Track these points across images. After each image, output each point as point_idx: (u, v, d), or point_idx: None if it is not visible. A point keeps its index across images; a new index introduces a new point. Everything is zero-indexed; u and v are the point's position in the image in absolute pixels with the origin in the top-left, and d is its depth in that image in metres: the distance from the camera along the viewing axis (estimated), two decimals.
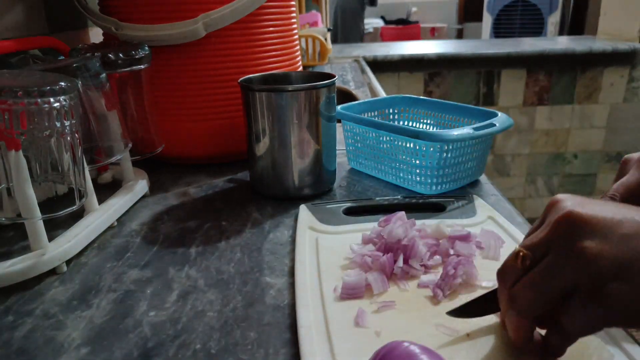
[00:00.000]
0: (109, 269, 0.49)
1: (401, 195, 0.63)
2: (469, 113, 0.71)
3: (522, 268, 0.31)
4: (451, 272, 0.42)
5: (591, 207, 0.30)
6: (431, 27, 4.82)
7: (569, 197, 0.31)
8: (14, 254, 0.50)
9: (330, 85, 0.61)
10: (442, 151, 0.60)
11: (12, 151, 0.44)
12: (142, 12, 0.69)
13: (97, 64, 0.57)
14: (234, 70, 0.71)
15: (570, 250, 0.29)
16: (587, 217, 0.29)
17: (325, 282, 0.43)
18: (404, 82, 2.19)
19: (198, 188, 0.69)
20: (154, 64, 0.66)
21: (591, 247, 0.28)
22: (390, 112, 0.80)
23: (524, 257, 0.31)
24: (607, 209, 0.30)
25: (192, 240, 0.54)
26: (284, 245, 0.53)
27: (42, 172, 0.51)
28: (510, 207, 0.60)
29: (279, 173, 0.62)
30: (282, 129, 0.60)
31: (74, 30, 0.92)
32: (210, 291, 0.45)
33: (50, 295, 0.45)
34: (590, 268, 0.28)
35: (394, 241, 0.46)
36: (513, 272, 0.32)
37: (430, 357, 0.29)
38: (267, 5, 0.71)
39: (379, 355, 0.30)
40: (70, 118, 0.47)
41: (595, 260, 0.28)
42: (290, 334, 0.39)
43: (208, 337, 0.39)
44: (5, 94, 0.41)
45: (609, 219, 0.29)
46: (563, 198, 0.31)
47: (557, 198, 0.32)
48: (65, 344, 0.39)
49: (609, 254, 0.28)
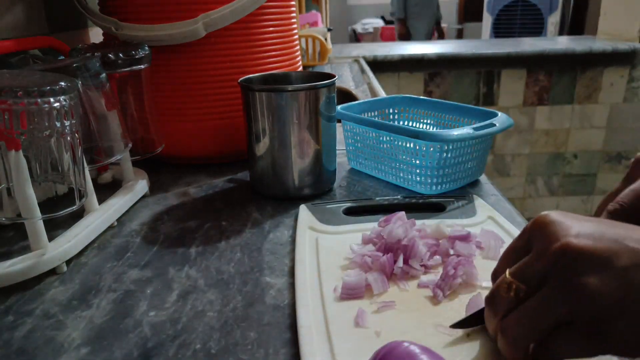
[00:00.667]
0: (109, 269, 0.49)
1: (401, 195, 0.63)
2: (469, 113, 0.71)
3: (515, 300, 0.30)
4: (451, 272, 0.41)
5: (587, 234, 0.28)
6: None
7: (557, 220, 0.30)
8: (14, 254, 0.50)
9: (330, 85, 0.61)
10: (442, 151, 0.60)
11: (12, 151, 0.44)
12: (142, 12, 0.69)
13: (97, 64, 0.57)
14: (234, 70, 0.71)
15: (568, 286, 0.28)
16: (587, 250, 0.28)
17: (325, 282, 0.43)
18: (404, 82, 2.20)
19: (198, 188, 0.69)
20: (154, 64, 0.66)
21: (592, 284, 0.27)
22: (390, 112, 0.80)
23: (517, 289, 0.30)
24: (603, 236, 0.28)
25: (192, 240, 0.54)
26: (284, 245, 0.53)
27: (42, 172, 0.51)
28: (510, 207, 0.60)
29: (279, 173, 0.62)
30: (282, 129, 0.60)
31: (74, 30, 0.92)
32: (210, 291, 0.45)
33: (50, 295, 0.45)
34: (592, 306, 0.27)
35: (394, 241, 0.46)
36: (504, 302, 0.31)
37: (430, 357, 0.29)
38: (267, 5, 0.71)
39: (379, 355, 0.30)
40: (70, 118, 0.47)
41: (597, 297, 0.27)
42: (290, 334, 0.39)
43: (208, 337, 0.39)
44: (5, 94, 0.41)
45: (607, 250, 0.28)
46: (552, 220, 0.30)
47: (545, 220, 0.30)
48: (65, 344, 0.39)
49: (610, 290, 0.27)
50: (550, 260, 0.29)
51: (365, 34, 4.51)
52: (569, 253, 0.28)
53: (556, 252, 0.28)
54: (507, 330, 0.31)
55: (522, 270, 0.30)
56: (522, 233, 0.32)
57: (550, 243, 0.29)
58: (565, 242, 0.28)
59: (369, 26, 4.56)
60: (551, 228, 0.29)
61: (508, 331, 0.30)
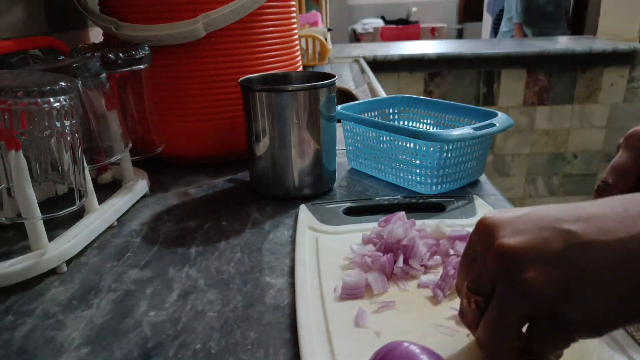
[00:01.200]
0: (109, 269, 0.49)
1: (401, 195, 0.63)
2: (469, 113, 0.71)
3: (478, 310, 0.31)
4: (451, 272, 0.41)
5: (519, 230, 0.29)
6: (431, 27, 4.82)
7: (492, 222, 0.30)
8: (14, 254, 0.50)
9: (330, 85, 0.61)
10: (442, 151, 0.60)
11: (12, 151, 0.44)
12: (142, 12, 0.69)
13: (97, 64, 0.57)
14: (234, 70, 0.71)
15: (513, 285, 0.28)
16: (520, 247, 0.28)
17: (325, 282, 0.43)
18: (404, 82, 2.20)
19: (198, 188, 0.69)
20: (154, 64, 0.66)
21: (533, 278, 0.27)
22: (390, 112, 0.80)
23: (476, 301, 0.31)
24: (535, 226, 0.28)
25: (192, 240, 0.54)
26: (284, 245, 0.53)
27: (42, 172, 0.51)
28: (510, 207, 0.60)
29: (279, 173, 0.62)
30: (282, 129, 0.60)
31: (74, 30, 0.92)
32: (210, 291, 0.45)
33: (50, 295, 0.45)
34: (539, 297, 0.28)
35: (394, 241, 0.46)
36: (472, 314, 0.32)
37: (430, 357, 0.29)
38: (267, 5, 0.71)
39: (379, 355, 0.30)
40: (70, 118, 0.47)
41: (542, 288, 0.27)
42: (290, 334, 0.39)
43: (208, 337, 0.39)
44: (5, 94, 0.41)
45: (539, 240, 0.28)
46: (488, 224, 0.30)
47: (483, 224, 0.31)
48: (65, 344, 0.39)
49: (551, 277, 0.27)
50: (492, 266, 0.29)
51: (365, 34, 4.51)
52: (505, 254, 0.28)
53: (494, 256, 0.29)
54: (481, 342, 0.31)
55: (474, 282, 0.31)
56: (468, 241, 0.33)
57: (489, 248, 0.29)
58: (499, 243, 0.29)
59: (369, 26, 4.56)
60: (487, 232, 0.30)
61: (481, 342, 0.31)
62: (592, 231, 0.27)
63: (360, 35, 4.53)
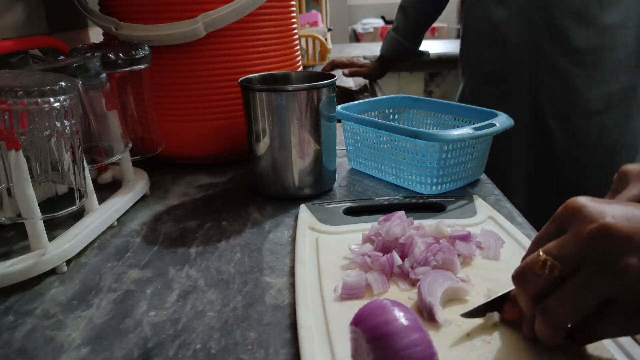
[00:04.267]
0: (109, 269, 0.49)
1: (401, 195, 0.63)
2: (469, 113, 0.71)
3: (549, 278, 0.30)
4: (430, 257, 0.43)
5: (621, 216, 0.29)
6: (431, 27, 4.82)
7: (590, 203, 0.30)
8: (14, 254, 0.50)
9: (330, 85, 0.61)
10: (442, 151, 0.60)
11: (12, 151, 0.44)
12: (142, 12, 0.69)
13: (97, 64, 0.57)
14: (234, 70, 0.71)
15: (611, 268, 0.28)
16: (626, 232, 0.28)
17: (325, 282, 0.43)
18: (404, 82, 2.20)
19: (198, 188, 0.69)
20: (154, 64, 0.66)
21: (633, 264, 0.27)
22: (390, 112, 0.80)
23: (552, 266, 0.30)
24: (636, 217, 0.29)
25: (192, 240, 0.54)
26: (284, 245, 0.53)
27: (42, 172, 0.51)
28: (510, 207, 0.60)
29: (279, 173, 0.62)
30: (282, 129, 0.60)
31: (74, 30, 0.92)
32: (210, 291, 0.45)
33: (50, 295, 0.45)
34: (634, 284, 0.28)
35: (392, 239, 0.46)
36: (537, 279, 0.31)
37: (400, 309, 0.31)
38: (267, 5, 0.71)
39: (359, 311, 0.32)
40: (70, 118, 0.47)
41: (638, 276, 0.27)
42: (290, 334, 0.39)
43: (208, 337, 0.39)
44: (5, 94, 0.41)
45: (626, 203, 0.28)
46: (585, 204, 0.30)
47: (578, 204, 0.31)
48: (65, 344, 0.39)
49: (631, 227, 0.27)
50: (588, 242, 0.29)
51: (365, 34, 4.51)
52: (607, 234, 0.28)
53: (594, 233, 0.29)
54: (548, 313, 0.31)
55: (557, 249, 0.30)
56: (553, 219, 0.32)
57: (586, 225, 0.29)
58: (603, 223, 0.28)
59: (369, 26, 4.56)
60: (585, 211, 0.30)
61: (549, 313, 0.31)
62: None
63: (360, 35, 4.53)
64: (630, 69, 0.98)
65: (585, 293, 0.29)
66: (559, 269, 0.30)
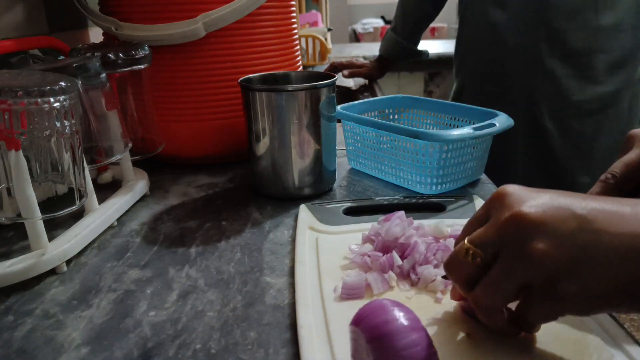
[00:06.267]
0: (109, 268, 0.49)
1: (401, 195, 0.63)
2: (469, 113, 0.71)
3: (473, 265, 0.32)
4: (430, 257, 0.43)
5: (538, 204, 0.30)
6: (431, 27, 4.82)
7: (514, 191, 0.32)
8: (14, 254, 0.50)
9: (330, 85, 0.61)
10: (442, 151, 0.60)
11: (12, 151, 0.44)
12: (142, 12, 0.69)
13: (97, 64, 0.57)
14: (234, 70, 0.71)
15: (521, 252, 0.30)
16: (535, 218, 0.30)
17: (325, 282, 0.43)
18: (404, 82, 2.19)
19: (198, 188, 0.69)
20: (154, 64, 0.66)
21: (540, 248, 0.29)
22: (390, 112, 0.80)
23: (474, 254, 0.32)
24: (553, 205, 0.30)
25: (192, 240, 0.54)
26: (284, 245, 0.53)
27: (42, 172, 0.51)
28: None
29: (279, 173, 0.62)
30: (282, 128, 0.60)
31: (74, 30, 0.92)
32: (210, 291, 0.45)
33: (50, 295, 0.45)
34: (542, 268, 0.29)
35: (391, 239, 0.46)
36: (463, 267, 0.33)
37: (401, 310, 0.31)
38: (267, 5, 0.71)
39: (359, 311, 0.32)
40: (70, 118, 0.47)
41: (545, 260, 0.29)
42: (290, 334, 0.39)
43: (208, 337, 0.39)
44: (5, 93, 0.41)
45: (555, 216, 0.30)
46: (509, 192, 0.32)
47: (503, 192, 0.32)
48: (65, 344, 0.39)
49: (558, 253, 0.29)
50: (503, 229, 0.31)
51: (365, 34, 4.51)
52: (519, 221, 0.30)
53: (508, 220, 0.30)
54: (477, 300, 0.33)
55: (478, 238, 0.32)
56: (484, 205, 0.34)
57: (504, 213, 0.31)
58: (516, 211, 0.30)
59: (369, 26, 4.56)
60: (507, 199, 0.31)
61: (477, 301, 0.33)
62: (604, 222, 0.29)
63: (360, 35, 4.53)
64: (624, 70, 0.99)
65: (504, 279, 0.31)
66: (480, 256, 0.32)
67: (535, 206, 0.30)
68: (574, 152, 1.03)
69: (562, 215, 0.30)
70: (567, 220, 0.30)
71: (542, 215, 0.30)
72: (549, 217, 0.30)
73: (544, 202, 0.30)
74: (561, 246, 0.29)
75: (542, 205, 0.30)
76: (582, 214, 0.30)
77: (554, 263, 0.29)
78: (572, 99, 1.00)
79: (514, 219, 0.30)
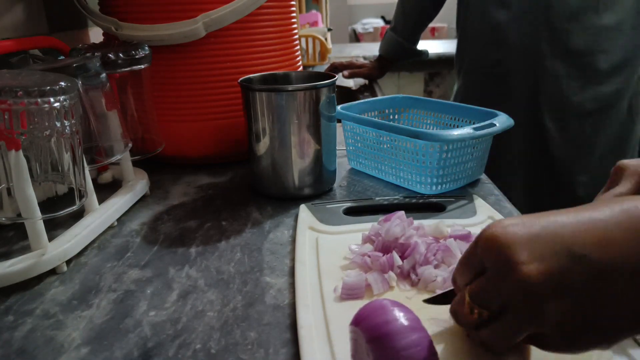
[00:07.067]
0: (109, 268, 0.49)
1: (401, 195, 0.63)
2: (469, 113, 0.71)
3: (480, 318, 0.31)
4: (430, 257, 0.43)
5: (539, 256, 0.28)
6: (431, 27, 4.81)
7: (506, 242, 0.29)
8: (14, 254, 0.50)
9: (330, 85, 0.61)
10: (442, 151, 0.60)
11: (12, 151, 0.44)
12: (142, 12, 0.69)
13: (97, 64, 0.57)
14: (234, 70, 0.71)
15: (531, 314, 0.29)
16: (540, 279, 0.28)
17: (325, 282, 0.43)
18: (404, 82, 2.19)
19: (198, 188, 0.69)
20: (154, 64, 0.66)
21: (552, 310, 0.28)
22: (390, 112, 0.80)
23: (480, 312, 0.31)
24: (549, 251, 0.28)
25: (192, 240, 0.54)
26: (284, 245, 0.53)
27: (42, 172, 0.51)
28: (511, 207, 0.60)
29: (279, 173, 0.62)
30: (282, 128, 0.60)
31: (74, 30, 0.92)
32: (210, 291, 0.45)
33: (50, 295, 0.45)
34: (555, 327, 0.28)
35: (392, 239, 0.46)
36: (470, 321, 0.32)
37: (401, 310, 0.31)
38: (267, 5, 0.71)
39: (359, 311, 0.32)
40: (70, 118, 0.47)
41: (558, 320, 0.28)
42: (290, 334, 0.39)
43: (208, 337, 0.39)
44: (5, 93, 0.41)
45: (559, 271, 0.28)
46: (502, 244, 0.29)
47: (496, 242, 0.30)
48: (65, 343, 0.39)
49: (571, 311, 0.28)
50: (508, 291, 0.29)
51: (365, 34, 4.51)
52: (524, 285, 0.28)
53: (512, 284, 0.29)
54: (485, 342, 0.32)
55: (481, 296, 0.31)
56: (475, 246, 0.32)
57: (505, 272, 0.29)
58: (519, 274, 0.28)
59: (369, 26, 4.55)
60: (503, 253, 0.29)
61: (485, 343, 0.32)
62: (610, 259, 0.28)
63: (360, 35, 4.53)
64: (625, 71, 0.99)
65: (512, 333, 0.30)
66: (487, 314, 0.31)
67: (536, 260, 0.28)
68: (573, 151, 1.03)
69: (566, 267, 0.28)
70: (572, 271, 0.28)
71: (545, 271, 0.28)
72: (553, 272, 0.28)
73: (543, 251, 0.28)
74: (573, 304, 0.28)
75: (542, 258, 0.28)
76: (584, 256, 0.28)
77: (567, 320, 0.28)
78: (573, 99, 1.00)
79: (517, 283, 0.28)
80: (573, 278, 0.28)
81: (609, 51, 0.97)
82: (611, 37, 0.96)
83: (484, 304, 0.31)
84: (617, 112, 1.01)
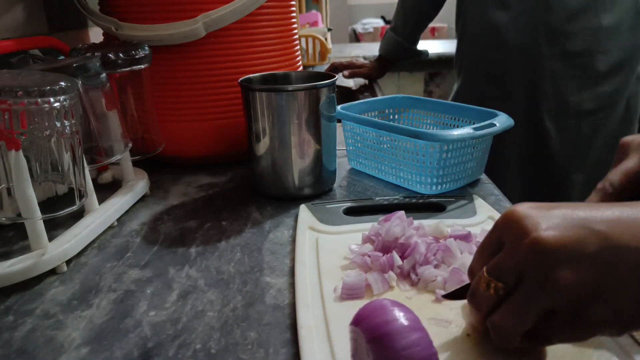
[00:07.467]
0: (109, 268, 0.49)
1: (401, 195, 0.63)
2: (469, 113, 0.71)
3: (496, 296, 0.31)
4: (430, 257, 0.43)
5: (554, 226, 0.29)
6: (431, 27, 4.82)
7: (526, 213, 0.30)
8: (14, 254, 0.50)
9: (330, 85, 0.61)
10: (442, 151, 0.60)
11: (12, 151, 0.44)
12: (142, 12, 0.69)
13: (97, 64, 0.57)
14: (234, 70, 0.71)
15: (544, 281, 0.29)
16: (556, 243, 0.28)
17: (325, 282, 0.43)
18: (404, 82, 2.19)
19: (198, 188, 0.69)
20: (154, 64, 0.66)
21: (565, 277, 0.28)
22: (390, 112, 0.80)
23: (496, 287, 0.31)
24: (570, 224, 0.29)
25: (192, 240, 0.54)
26: (284, 245, 0.53)
27: (42, 172, 0.51)
28: (510, 207, 0.59)
29: (279, 173, 0.62)
30: (282, 128, 0.60)
31: (74, 30, 0.92)
32: (210, 291, 0.45)
33: (50, 295, 0.45)
34: (569, 296, 0.28)
35: (392, 239, 0.46)
36: (485, 299, 0.32)
37: (401, 310, 0.31)
38: (267, 5, 0.71)
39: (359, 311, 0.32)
40: (70, 118, 0.47)
41: (572, 288, 0.28)
42: (290, 334, 0.39)
43: (208, 337, 0.39)
44: (5, 93, 0.41)
45: (575, 239, 0.28)
46: (521, 215, 0.30)
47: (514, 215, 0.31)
48: (65, 344, 0.39)
49: (584, 279, 0.28)
50: (523, 257, 0.29)
51: (365, 34, 4.51)
52: (539, 248, 0.29)
53: (527, 248, 0.29)
54: (496, 327, 0.32)
55: (498, 268, 0.31)
56: (494, 229, 0.33)
57: (521, 239, 0.29)
58: (535, 237, 0.29)
59: (369, 26, 4.55)
60: (520, 223, 0.30)
61: (497, 328, 0.32)
62: (626, 235, 0.28)
63: (360, 35, 4.53)
64: (623, 71, 1.00)
65: (526, 308, 0.30)
66: (503, 288, 0.31)
67: (552, 228, 0.29)
68: (571, 151, 1.03)
69: (582, 235, 0.28)
70: (586, 240, 0.28)
71: (561, 238, 0.28)
72: (568, 240, 0.28)
73: (560, 223, 0.29)
74: (585, 271, 0.28)
75: (558, 227, 0.29)
76: (601, 230, 0.28)
77: (580, 290, 0.28)
78: (572, 99, 1.00)
79: (532, 247, 0.29)
80: (588, 248, 0.28)
81: (608, 52, 0.97)
82: (610, 38, 0.97)
83: (500, 276, 0.31)
84: (616, 112, 1.02)
